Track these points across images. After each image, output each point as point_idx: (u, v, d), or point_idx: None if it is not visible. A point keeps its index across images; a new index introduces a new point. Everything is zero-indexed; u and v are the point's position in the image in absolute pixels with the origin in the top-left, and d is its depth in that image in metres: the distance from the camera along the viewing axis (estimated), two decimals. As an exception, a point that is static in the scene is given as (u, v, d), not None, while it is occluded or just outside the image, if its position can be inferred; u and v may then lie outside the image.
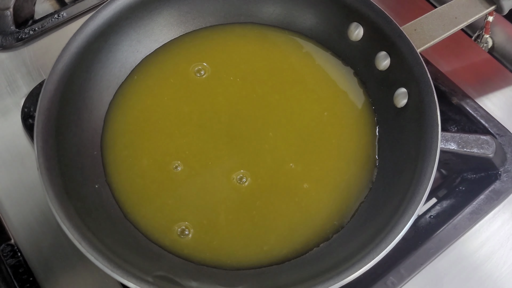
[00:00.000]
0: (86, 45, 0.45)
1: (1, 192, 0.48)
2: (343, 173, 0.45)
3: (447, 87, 0.53)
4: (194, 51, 0.51)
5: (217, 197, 0.44)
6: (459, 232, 0.45)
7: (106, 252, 0.36)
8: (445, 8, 0.48)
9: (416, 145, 0.41)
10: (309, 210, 0.44)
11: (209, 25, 0.52)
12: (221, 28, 0.52)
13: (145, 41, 0.50)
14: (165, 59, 0.50)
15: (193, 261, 0.41)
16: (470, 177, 0.49)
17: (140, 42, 0.50)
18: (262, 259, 0.41)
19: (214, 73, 0.50)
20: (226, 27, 0.52)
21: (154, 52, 0.50)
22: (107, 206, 0.42)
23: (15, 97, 0.53)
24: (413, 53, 0.44)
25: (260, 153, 0.46)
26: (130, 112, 0.47)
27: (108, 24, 0.46)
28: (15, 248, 0.45)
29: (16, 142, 0.50)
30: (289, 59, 0.51)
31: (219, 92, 0.49)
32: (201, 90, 0.49)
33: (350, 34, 0.50)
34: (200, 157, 0.45)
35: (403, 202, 0.38)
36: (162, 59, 0.50)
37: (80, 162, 0.43)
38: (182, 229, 0.42)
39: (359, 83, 0.50)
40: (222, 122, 0.47)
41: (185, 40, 0.51)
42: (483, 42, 0.60)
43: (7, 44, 0.55)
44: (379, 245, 0.36)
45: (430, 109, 0.42)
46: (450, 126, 0.52)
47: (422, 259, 0.44)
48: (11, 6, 0.55)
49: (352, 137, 0.47)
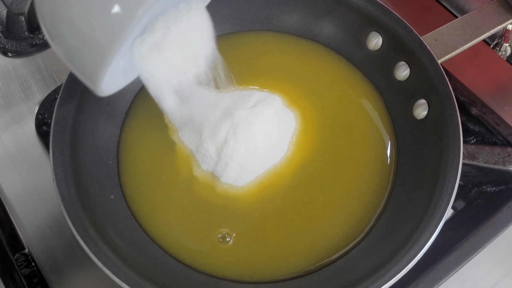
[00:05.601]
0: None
1: (15, 200, 0.48)
2: (360, 186, 0.45)
3: (466, 97, 0.52)
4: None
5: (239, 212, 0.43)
6: (479, 247, 0.45)
7: (122, 266, 0.35)
8: (467, 18, 0.47)
9: (437, 158, 0.41)
10: (326, 224, 0.43)
11: (225, 33, 0.52)
12: (237, 36, 0.52)
13: (161, 48, 0.49)
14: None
15: (211, 275, 0.40)
16: (490, 190, 0.48)
17: (156, 50, 0.49)
18: (279, 274, 0.41)
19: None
20: (242, 35, 0.52)
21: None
22: (122, 217, 0.42)
23: (29, 104, 0.53)
24: (433, 63, 0.44)
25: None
26: (148, 122, 0.47)
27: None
28: (29, 258, 0.44)
29: (30, 149, 0.50)
30: (304, 66, 0.50)
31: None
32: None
33: (369, 43, 0.49)
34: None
35: (424, 218, 0.38)
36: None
37: (96, 171, 0.42)
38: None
39: (377, 93, 0.49)
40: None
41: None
42: (502, 50, 0.59)
43: (21, 49, 0.55)
44: (400, 262, 0.36)
45: (452, 122, 0.41)
46: (469, 138, 0.51)
47: (441, 274, 0.43)
48: (26, 11, 0.55)
49: (369, 148, 0.46)
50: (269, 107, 0.46)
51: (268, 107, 0.46)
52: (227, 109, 0.46)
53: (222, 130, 0.44)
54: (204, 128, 0.45)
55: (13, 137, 0.51)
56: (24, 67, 0.55)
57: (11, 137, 0.51)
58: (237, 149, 0.44)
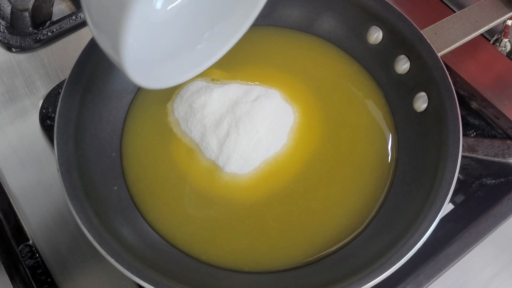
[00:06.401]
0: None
1: (19, 192, 0.48)
2: (361, 178, 0.45)
3: (466, 91, 0.53)
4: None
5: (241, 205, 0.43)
6: (479, 238, 0.45)
7: (126, 255, 0.36)
8: (466, 12, 0.47)
9: (436, 150, 0.41)
10: (327, 215, 0.43)
11: (227, 28, 0.52)
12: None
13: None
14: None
15: (211, 265, 0.41)
16: (489, 183, 0.49)
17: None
18: (280, 264, 0.41)
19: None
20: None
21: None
22: (126, 208, 0.42)
23: (33, 98, 0.53)
24: (433, 57, 0.44)
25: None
26: (151, 115, 0.47)
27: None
28: (33, 249, 0.45)
29: (34, 143, 0.51)
30: (305, 60, 0.51)
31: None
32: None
33: (369, 37, 0.49)
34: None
35: (423, 209, 0.38)
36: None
37: (99, 163, 0.43)
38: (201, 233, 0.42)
39: (377, 87, 0.49)
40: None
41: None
42: (502, 46, 0.59)
43: (26, 45, 0.56)
44: (400, 252, 0.36)
45: (452, 114, 0.41)
46: (469, 131, 0.51)
47: (441, 264, 0.43)
48: (30, 7, 0.56)
49: (370, 141, 0.47)
50: (270, 101, 0.47)
51: (269, 101, 0.47)
52: (229, 102, 0.46)
53: (224, 123, 0.45)
54: (206, 121, 0.46)
55: (18, 131, 0.51)
56: (28, 62, 0.56)
57: (16, 131, 0.51)
58: (239, 141, 0.44)
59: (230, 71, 0.50)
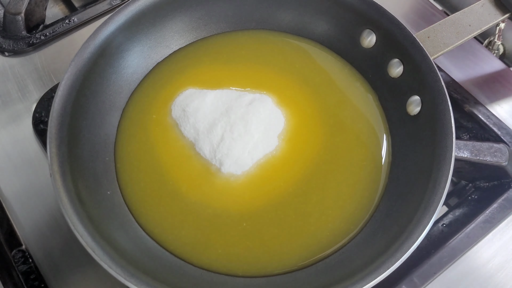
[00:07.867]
0: (98, 51, 0.45)
1: (12, 197, 0.48)
2: (355, 181, 0.45)
3: (459, 94, 0.53)
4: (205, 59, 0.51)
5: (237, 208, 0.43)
6: (472, 241, 0.45)
7: (119, 260, 0.36)
8: (459, 15, 0.47)
9: (430, 153, 0.41)
10: (321, 219, 0.43)
11: (220, 32, 0.52)
12: (232, 35, 0.52)
13: (156, 47, 0.50)
14: (176, 67, 0.50)
15: (205, 269, 0.40)
16: (483, 186, 0.49)
17: (152, 48, 0.50)
18: (274, 268, 0.41)
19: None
20: (238, 34, 0.52)
21: (165, 59, 0.50)
22: (119, 213, 0.42)
23: (26, 102, 0.53)
24: (426, 60, 0.44)
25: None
26: (143, 120, 0.47)
27: (120, 30, 0.46)
28: (26, 254, 0.45)
29: (27, 147, 0.50)
30: (298, 64, 0.51)
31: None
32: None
33: (363, 41, 0.49)
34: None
35: (417, 211, 0.38)
36: (174, 67, 0.50)
37: (93, 168, 0.43)
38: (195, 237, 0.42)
39: (371, 90, 0.50)
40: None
41: (197, 47, 0.51)
42: (495, 48, 0.60)
43: (19, 49, 0.55)
44: (394, 255, 0.36)
45: (445, 117, 0.41)
46: (462, 134, 0.51)
47: (435, 268, 0.44)
48: (23, 11, 0.55)
49: (363, 145, 0.47)
50: (265, 105, 0.47)
51: (264, 105, 0.47)
52: (223, 107, 0.46)
53: (218, 128, 0.45)
54: (199, 125, 0.45)
55: (11, 135, 0.51)
56: (21, 66, 0.55)
57: (9, 135, 0.51)
58: (234, 146, 0.44)
59: (223, 75, 0.50)
